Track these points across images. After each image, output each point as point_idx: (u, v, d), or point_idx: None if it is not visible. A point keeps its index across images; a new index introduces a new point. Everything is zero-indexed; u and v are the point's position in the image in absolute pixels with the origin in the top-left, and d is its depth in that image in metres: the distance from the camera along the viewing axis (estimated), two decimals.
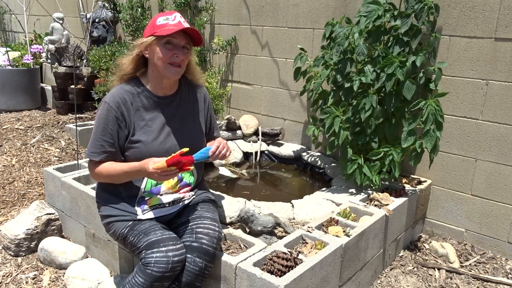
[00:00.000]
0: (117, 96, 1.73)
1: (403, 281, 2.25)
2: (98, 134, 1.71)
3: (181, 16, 1.73)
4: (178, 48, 1.70)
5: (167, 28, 1.66)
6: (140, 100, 1.76)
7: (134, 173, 1.66)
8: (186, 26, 1.67)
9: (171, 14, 1.70)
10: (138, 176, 1.70)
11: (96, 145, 1.71)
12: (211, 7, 3.61)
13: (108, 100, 1.72)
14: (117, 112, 1.70)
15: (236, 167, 3.08)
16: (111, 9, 4.71)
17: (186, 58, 1.74)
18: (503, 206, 2.45)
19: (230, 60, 3.68)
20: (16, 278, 2.18)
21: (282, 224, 2.00)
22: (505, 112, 2.36)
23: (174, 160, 1.53)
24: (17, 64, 4.86)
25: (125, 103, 1.73)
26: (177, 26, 1.66)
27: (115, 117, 1.70)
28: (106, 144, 1.70)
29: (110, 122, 1.70)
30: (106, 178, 1.74)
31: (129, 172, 1.67)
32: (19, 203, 2.89)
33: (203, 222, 1.72)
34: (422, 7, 2.29)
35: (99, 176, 1.75)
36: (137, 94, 1.76)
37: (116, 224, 1.76)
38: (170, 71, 1.71)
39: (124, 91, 1.75)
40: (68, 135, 3.95)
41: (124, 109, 1.72)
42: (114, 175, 1.70)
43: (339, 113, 2.44)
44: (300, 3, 3.10)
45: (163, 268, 1.54)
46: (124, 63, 1.78)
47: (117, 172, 1.69)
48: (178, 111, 1.85)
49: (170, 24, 1.67)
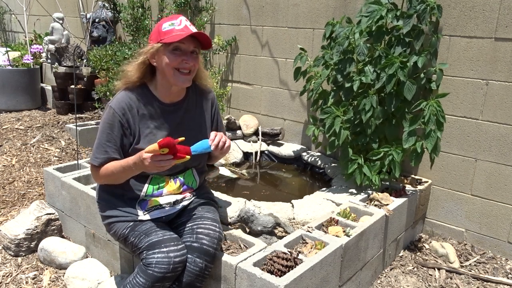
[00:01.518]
0: (123, 102, 1.69)
1: (403, 281, 2.25)
2: (102, 140, 1.68)
3: (186, 19, 1.67)
4: (187, 54, 1.65)
5: (173, 34, 1.61)
6: (146, 108, 1.72)
7: (131, 166, 1.61)
8: (194, 31, 1.62)
9: (176, 19, 1.65)
10: (136, 170, 1.63)
11: (100, 150, 1.68)
12: (211, 7, 3.61)
13: (113, 105, 1.68)
14: (122, 119, 1.67)
15: (236, 167, 3.08)
16: (111, 9, 4.71)
17: (196, 63, 1.69)
18: (503, 206, 2.45)
19: (230, 60, 3.68)
20: (16, 278, 2.18)
21: (282, 224, 2.00)
22: (505, 112, 2.36)
23: (166, 142, 1.47)
24: (17, 64, 4.86)
25: (130, 109, 1.69)
26: (184, 31, 1.61)
27: (120, 123, 1.67)
28: (110, 150, 1.68)
29: (115, 128, 1.67)
30: (107, 178, 1.72)
31: (126, 166, 1.62)
32: (19, 203, 2.89)
33: (203, 223, 1.72)
34: (424, 8, 2.29)
35: (101, 178, 1.73)
36: (143, 101, 1.72)
37: (117, 225, 1.75)
38: (179, 79, 1.66)
39: (130, 97, 1.71)
40: (68, 135, 3.95)
41: (129, 116, 1.69)
42: (113, 173, 1.67)
43: (340, 113, 2.44)
44: (300, 3, 3.10)
45: (164, 269, 1.54)
46: (130, 71, 1.73)
47: (115, 169, 1.66)
48: (185, 118, 1.81)
49: (177, 30, 1.62)
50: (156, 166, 1.52)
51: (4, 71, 4.60)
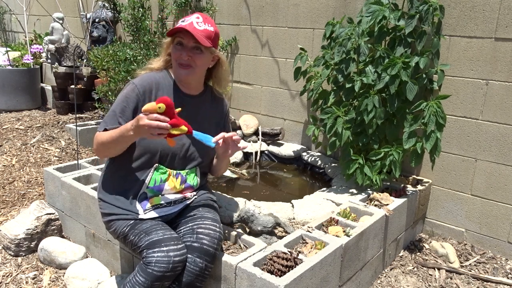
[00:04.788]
0: (146, 81, 1.75)
1: (403, 281, 2.25)
2: (117, 110, 1.71)
3: (199, 16, 1.71)
4: (186, 49, 1.71)
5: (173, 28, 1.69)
6: (166, 91, 1.78)
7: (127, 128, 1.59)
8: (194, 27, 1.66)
9: (189, 16, 1.71)
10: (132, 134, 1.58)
11: (112, 120, 1.71)
12: (212, 7, 3.61)
13: (136, 82, 1.74)
14: (141, 96, 1.72)
15: (236, 167, 3.08)
16: (111, 9, 4.71)
17: (198, 59, 1.72)
18: (503, 206, 2.45)
19: (230, 60, 3.68)
20: (16, 278, 2.18)
21: (282, 224, 2.00)
22: (505, 112, 2.36)
23: (164, 98, 1.48)
24: (17, 64, 4.86)
25: (151, 90, 1.75)
26: (183, 26, 1.67)
27: (137, 98, 1.71)
28: (121, 120, 1.70)
29: (131, 103, 1.71)
30: (104, 145, 1.70)
31: (123, 129, 1.61)
32: (19, 203, 2.89)
33: (204, 223, 1.72)
34: (427, 9, 2.29)
35: (99, 144, 1.72)
36: (164, 84, 1.79)
37: (117, 223, 1.75)
38: (179, 72, 1.74)
39: (154, 78, 1.78)
40: (68, 135, 3.95)
41: (148, 95, 1.74)
42: (111, 137, 1.66)
43: (341, 113, 2.44)
44: (300, 3, 3.10)
45: (164, 268, 1.54)
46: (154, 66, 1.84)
47: (114, 132, 1.66)
48: (199, 113, 1.86)
49: (180, 25, 1.69)
50: (151, 126, 1.48)
51: (4, 71, 4.60)
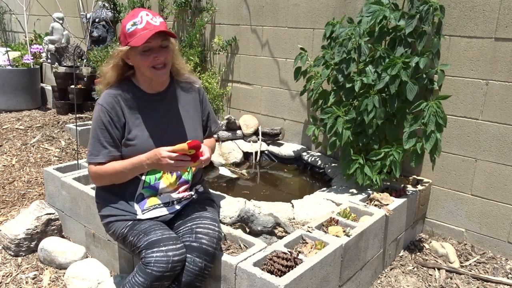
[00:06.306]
0: (109, 98, 1.74)
1: (403, 281, 2.25)
2: (96, 136, 1.71)
3: (147, 13, 1.67)
4: (156, 50, 1.68)
5: (137, 36, 1.63)
6: (133, 100, 1.77)
7: (143, 164, 1.66)
8: (156, 24, 1.64)
9: (137, 16, 1.65)
10: (147, 168, 1.68)
11: (96, 147, 1.71)
12: (212, 7, 3.61)
13: (101, 102, 1.74)
14: (111, 113, 1.72)
15: (236, 167, 3.08)
16: (111, 9, 4.70)
17: (168, 55, 1.72)
18: (503, 206, 2.45)
19: (230, 60, 3.68)
20: (16, 278, 2.18)
21: (282, 224, 2.00)
22: (505, 112, 2.36)
23: (196, 143, 1.55)
24: (17, 64, 4.86)
25: (118, 102, 1.74)
26: (146, 29, 1.62)
27: (109, 117, 1.71)
28: (106, 143, 1.71)
29: (106, 122, 1.71)
30: (112, 177, 1.73)
31: (137, 163, 1.67)
32: (19, 203, 2.89)
33: (202, 222, 1.72)
34: (427, 9, 2.28)
35: (103, 177, 1.73)
36: (129, 94, 1.77)
37: (116, 224, 1.76)
38: (156, 74, 1.72)
39: (116, 92, 1.76)
40: (68, 135, 3.95)
41: (118, 109, 1.73)
42: (121, 171, 1.69)
43: (341, 113, 2.44)
44: (300, 3, 3.10)
45: (163, 268, 1.54)
46: (107, 72, 1.78)
47: (124, 167, 1.68)
48: (172, 106, 1.85)
49: (139, 30, 1.63)
50: (173, 166, 1.57)
51: (4, 71, 4.60)
